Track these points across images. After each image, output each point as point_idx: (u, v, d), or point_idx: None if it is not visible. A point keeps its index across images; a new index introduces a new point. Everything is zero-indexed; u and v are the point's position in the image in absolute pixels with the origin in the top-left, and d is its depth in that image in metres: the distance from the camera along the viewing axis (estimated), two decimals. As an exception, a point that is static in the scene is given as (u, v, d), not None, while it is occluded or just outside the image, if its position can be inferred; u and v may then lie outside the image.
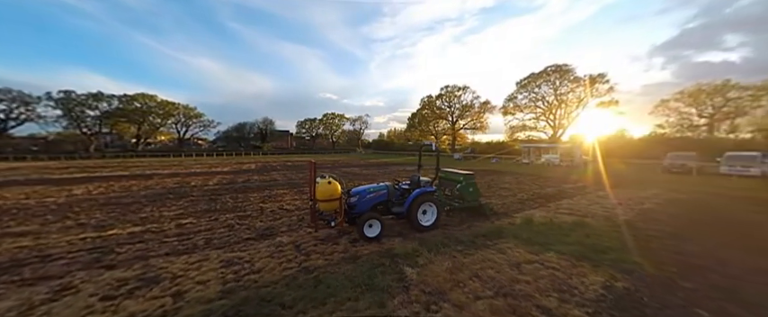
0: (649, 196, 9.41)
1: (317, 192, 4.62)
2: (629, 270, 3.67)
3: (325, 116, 65.16)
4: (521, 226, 5.65)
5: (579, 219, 6.32)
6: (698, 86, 29.87)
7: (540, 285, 3.29)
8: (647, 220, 6.37)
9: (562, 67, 34.56)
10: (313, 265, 3.83)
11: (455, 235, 5.06)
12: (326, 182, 4.68)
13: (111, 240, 4.84)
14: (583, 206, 7.78)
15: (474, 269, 3.69)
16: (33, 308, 2.83)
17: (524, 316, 2.69)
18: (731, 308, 2.85)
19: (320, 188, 4.63)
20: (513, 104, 39.25)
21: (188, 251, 4.35)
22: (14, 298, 3.02)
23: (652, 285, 3.30)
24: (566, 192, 10.27)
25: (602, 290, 3.19)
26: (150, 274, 3.58)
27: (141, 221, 6.10)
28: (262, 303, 2.90)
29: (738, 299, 3.02)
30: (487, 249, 4.38)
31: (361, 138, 70.87)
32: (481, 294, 3.09)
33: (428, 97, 50.08)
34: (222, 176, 15.18)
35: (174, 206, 7.54)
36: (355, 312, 2.74)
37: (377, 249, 4.36)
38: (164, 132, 50.88)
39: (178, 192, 9.87)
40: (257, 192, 9.85)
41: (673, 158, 19.66)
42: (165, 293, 3.11)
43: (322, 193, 4.62)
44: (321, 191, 4.62)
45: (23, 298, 3.01)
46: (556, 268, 3.71)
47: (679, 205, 8.05)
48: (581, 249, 4.34)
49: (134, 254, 4.24)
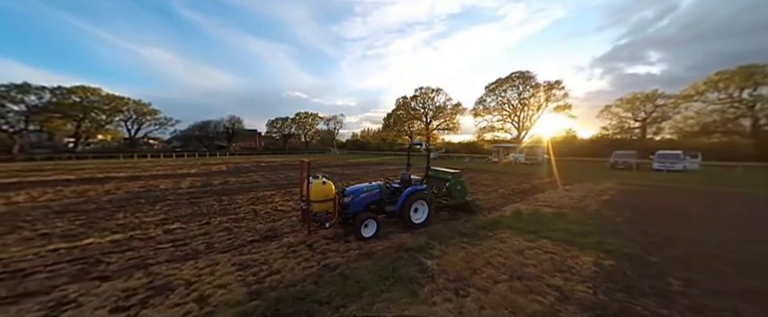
0: (605, 189, 10.82)
1: (310, 192, 4.47)
2: (609, 250, 4.31)
3: (297, 115, 62.85)
4: (512, 218, 6.21)
5: (557, 210, 7.12)
6: (633, 95, 34.74)
7: (544, 267, 3.73)
8: (610, 209, 7.38)
9: (525, 73, 37.79)
10: (332, 262, 3.86)
11: (457, 228, 5.41)
12: (321, 182, 4.60)
13: (92, 250, 4.33)
14: (556, 199, 8.72)
15: (485, 257, 4.03)
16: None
17: (540, 294, 3.06)
18: (690, 275, 3.54)
19: (314, 189, 4.51)
20: (483, 107, 41.85)
21: (191, 257, 4.08)
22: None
23: (629, 262, 3.93)
24: (538, 187, 11.35)
25: (594, 268, 3.72)
26: (158, 282, 3.32)
27: (120, 228, 5.50)
28: (296, 301, 2.90)
29: (692, 267, 3.75)
30: (489, 240, 4.79)
31: (335, 138, 69.76)
32: (498, 278, 3.43)
33: (403, 98, 51.11)
34: (193, 178, 14.02)
35: (151, 211, 6.87)
36: (391, 302, 2.88)
37: (390, 245, 4.51)
38: (110, 131, 44.94)
39: (148, 196, 8.96)
40: (241, 194, 9.34)
41: (617, 155, 22.68)
42: (185, 299, 2.94)
43: (316, 193, 4.51)
44: (315, 191, 4.51)
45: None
46: (552, 253, 4.21)
47: (630, 196, 9.41)
48: (567, 236, 4.96)
49: (127, 263, 3.87)
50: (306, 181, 4.60)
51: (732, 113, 29.81)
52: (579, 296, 3.02)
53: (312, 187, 4.49)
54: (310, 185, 4.49)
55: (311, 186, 4.49)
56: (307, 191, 4.47)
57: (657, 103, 32.82)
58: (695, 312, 2.77)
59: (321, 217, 4.67)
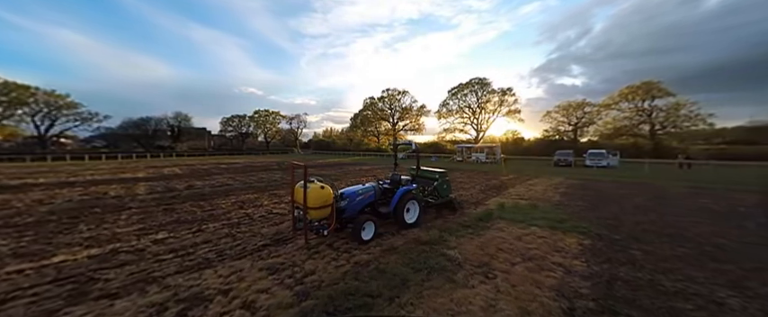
0: (558, 183, 12.67)
1: (308, 198, 4.13)
2: (584, 232, 5.25)
3: (257, 113, 58.55)
4: (500, 211, 6.99)
5: (530, 202, 8.20)
6: (568, 103, 40.80)
7: (544, 249, 4.41)
8: (569, 199, 8.77)
9: (483, 80, 41.45)
10: (361, 259, 3.98)
11: (459, 221, 5.94)
12: (318, 186, 4.30)
13: (72, 268, 3.70)
14: (525, 193, 9.97)
15: (494, 245, 4.58)
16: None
17: (550, 270, 3.67)
18: (644, 247, 4.56)
19: (312, 194, 4.18)
20: (446, 109, 44.63)
21: (205, 265, 3.79)
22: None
23: (600, 240, 4.87)
24: (506, 183, 12.75)
25: (579, 246, 4.54)
26: (184, 293, 3.07)
27: (91, 241, 4.71)
28: (348, 296, 2.99)
29: (643, 241, 4.82)
30: (490, 230, 5.40)
31: (298, 138, 66.85)
32: (513, 261, 3.97)
33: (371, 99, 51.60)
34: (147, 183, 12.29)
35: (120, 221, 5.97)
36: (437, 289, 3.18)
37: (407, 240, 4.78)
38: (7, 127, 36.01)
39: (102, 204, 7.68)
40: (220, 198, 8.60)
41: (559, 154, 26.43)
42: (229, 307, 2.81)
43: (315, 199, 4.19)
44: (314, 197, 4.17)
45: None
46: (544, 237, 4.97)
47: (578, 188, 11.22)
48: (549, 223, 5.85)
49: (130, 278, 3.44)
50: (296, 185, 4.39)
51: (637, 119, 37.08)
52: (578, 269, 3.71)
53: (310, 193, 4.16)
54: (307, 191, 4.16)
55: (309, 192, 4.16)
56: (304, 196, 4.13)
57: (585, 110, 39.06)
58: (658, 273, 3.64)
59: (317, 225, 4.36)
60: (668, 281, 3.43)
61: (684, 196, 9.64)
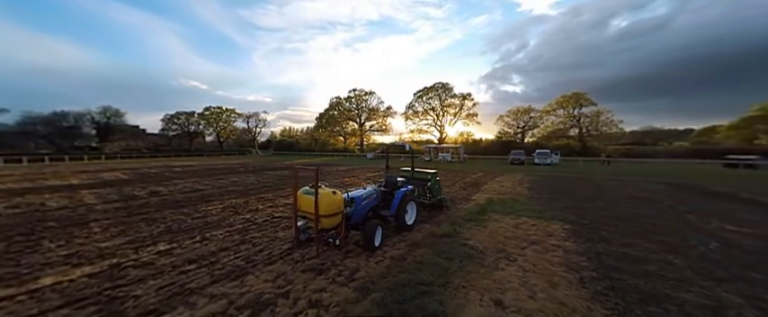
0: (520, 180, 14.46)
1: (320, 205, 3.83)
2: (562, 220, 6.33)
3: (208, 110, 52.74)
4: (490, 205, 7.87)
5: (509, 197, 9.35)
6: (517, 108, 46.08)
7: (539, 235, 5.26)
8: (536, 193, 10.20)
9: (446, 85, 44.29)
10: (396, 255, 4.26)
11: (460, 216, 6.57)
12: (330, 192, 4.04)
13: (76, 290, 3.21)
14: (499, 188, 11.24)
15: (501, 234, 5.28)
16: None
17: (552, 251, 4.46)
18: (607, 228, 5.75)
19: (325, 200, 3.90)
20: (412, 111, 46.42)
21: (241, 273, 3.64)
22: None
23: (576, 225, 5.96)
24: (479, 181, 14.08)
25: (564, 231, 5.51)
26: (241, 300, 2.98)
27: (77, 259, 4.04)
28: (406, 287, 3.27)
29: (604, 224, 6.05)
30: (490, 222, 6.13)
31: (256, 137, 62.26)
32: (522, 245, 4.68)
33: (337, 98, 50.81)
34: (90, 191, 10.45)
35: (96, 235, 5.14)
36: (476, 273, 3.65)
37: (426, 235, 5.19)
38: None
39: (54, 218, 6.41)
40: (202, 204, 7.86)
41: (513, 154, 29.84)
42: (297, 308, 2.85)
43: (328, 205, 3.93)
44: (326, 203, 3.91)
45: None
46: (535, 225, 5.87)
47: (539, 183, 13.02)
48: (533, 213, 6.86)
49: (163, 292, 3.16)
50: (299, 191, 4.16)
51: (569, 124, 43.65)
52: (572, 249, 4.57)
53: (322, 199, 3.85)
54: (319, 197, 3.84)
55: (320, 198, 3.84)
56: (315, 203, 3.80)
57: (531, 115, 44.55)
58: (624, 246, 4.70)
59: (330, 234, 4.11)
60: (634, 252, 4.48)
61: (615, 187, 11.97)
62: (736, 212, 7.35)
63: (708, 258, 4.27)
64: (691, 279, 3.58)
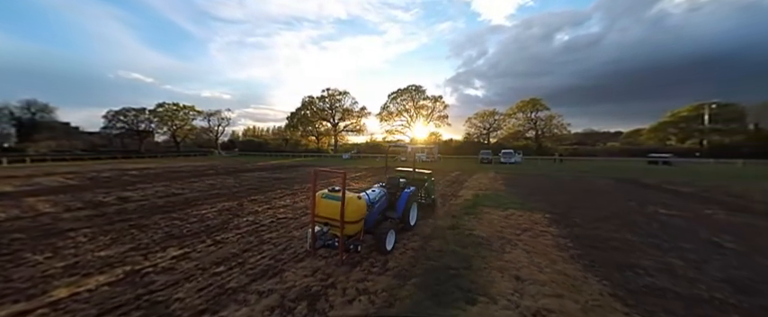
0: (494, 177, 15.87)
1: (347, 211, 3.67)
2: (542, 210, 7.32)
3: (161, 107, 47.38)
4: (478, 201, 8.68)
5: (491, 192, 10.34)
6: (484, 111, 49.67)
7: (528, 223, 6.08)
8: (511, 188, 11.41)
9: (419, 87, 45.95)
10: (415, 246, 4.66)
11: (456, 210, 7.21)
12: (355, 197, 3.93)
13: (103, 298, 3.03)
14: (477, 185, 12.28)
15: (497, 223, 6.00)
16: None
17: (542, 235, 5.25)
18: (577, 216, 6.83)
19: (351, 205, 3.77)
20: (387, 112, 47.19)
21: (276, 271, 3.72)
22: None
23: (553, 214, 6.96)
24: (459, 178, 15.13)
25: (547, 219, 6.43)
26: (291, 293, 3.12)
27: (84, 269, 3.71)
28: (437, 272, 3.69)
29: (574, 212, 7.16)
30: (484, 214, 6.86)
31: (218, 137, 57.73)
32: (516, 232, 5.42)
33: (309, 97, 49.52)
34: (38, 198, 9.09)
35: (86, 245, 4.65)
36: (489, 257, 4.22)
37: (434, 228, 5.69)
38: None
39: (20, 228, 5.57)
40: (190, 209, 7.41)
41: (483, 153, 32.22)
42: (348, 296, 3.10)
43: (354, 212, 3.81)
44: (352, 209, 3.78)
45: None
46: (522, 215, 6.74)
47: (510, 180, 14.46)
48: (516, 205, 7.79)
49: (205, 293, 3.14)
50: (318, 195, 3.95)
51: (527, 126, 48.29)
52: (556, 233, 5.43)
53: (348, 205, 3.71)
54: (346, 202, 3.68)
55: (347, 203, 3.70)
56: (341, 208, 3.65)
57: (495, 117, 48.31)
58: (594, 230, 5.71)
59: (352, 240, 4.01)
60: (602, 233, 5.48)
61: (572, 182, 13.85)
62: (664, 199, 9.16)
63: (653, 234, 5.43)
64: (645, 251, 4.57)
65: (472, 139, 50.60)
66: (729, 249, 4.68)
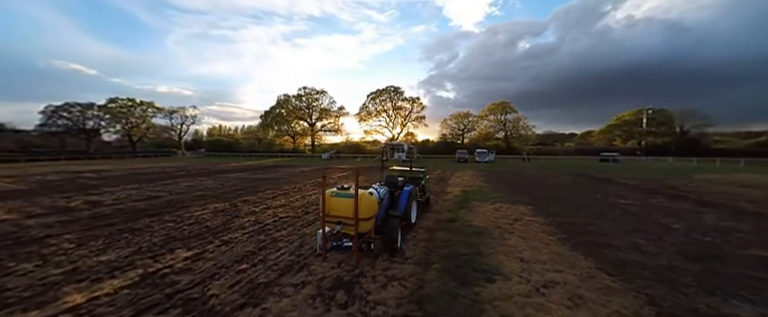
0: (474, 175, 16.91)
1: (361, 208, 3.63)
2: (524, 203, 8.12)
3: (114, 103, 42.40)
4: (468, 196, 9.31)
5: (476, 188, 11.11)
6: (458, 112, 52.02)
7: (516, 215, 6.76)
8: (492, 185, 12.33)
9: (397, 88, 46.75)
10: (424, 237, 5.01)
11: (450, 205, 7.72)
12: (367, 194, 3.94)
13: (134, 297, 2.92)
14: (461, 182, 13.07)
15: (490, 215, 6.59)
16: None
17: (531, 224, 5.92)
18: (557, 206, 7.72)
19: (364, 202, 3.73)
20: (366, 112, 47.29)
21: (302, 265, 3.80)
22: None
23: (535, 206, 7.78)
24: (443, 177, 15.88)
25: (531, 210, 7.19)
26: (325, 284, 3.27)
27: (93, 273, 3.46)
28: (453, 258, 4.07)
29: (551, 204, 8.06)
30: (476, 208, 7.45)
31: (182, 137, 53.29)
32: (509, 222, 6.03)
33: (285, 96, 47.84)
34: None
35: (77, 252, 4.27)
36: (495, 243, 4.71)
37: (437, 221, 6.10)
38: None
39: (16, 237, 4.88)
40: (179, 211, 7.00)
41: (459, 153, 33.83)
42: (380, 283, 3.34)
43: (367, 208, 3.80)
44: (366, 206, 3.76)
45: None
46: (508, 207, 7.44)
47: (489, 177, 15.53)
48: (501, 199, 8.53)
49: (240, 289, 3.16)
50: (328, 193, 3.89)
51: (497, 127, 51.56)
52: (542, 222, 6.14)
53: (361, 201, 3.68)
54: (359, 199, 3.65)
55: (361, 200, 3.66)
56: (355, 206, 3.60)
57: (469, 119, 50.86)
58: (572, 217, 6.55)
59: (366, 239, 3.92)
60: (579, 220, 6.31)
61: (542, 178, 15.30)
62: (619, 191, 10.62)
63: (617, 220, 6.39)
64: (615, 234, 5.41)
65: (447, 139, 52.76)
66: (675, 228, 5.71)
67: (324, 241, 3.76)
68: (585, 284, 3.32)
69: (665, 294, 3.13)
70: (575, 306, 2.84)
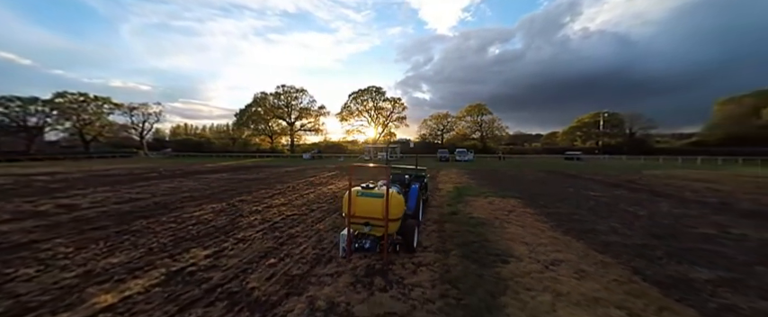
0: (459, 173, 17.75)
1: (391, 207, 3.57)
2: (513, 197, 8.84)
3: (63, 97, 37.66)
4: (461, 192, 9.86)
5: (465, 185, 11.75)
6: (438, 113, 53.68)
7: (508, 206, 7.39)
8: (479, 181, 13.12)
9: (379, 88, 47.08)
10: (434, 229, 5.36)
11: (447, 200, 8.18)
12: (395, 193, 3.87)
13: (171, 294, 2.87)
14: (449, 180, 13.72)
15: (486, 208, 7.13)
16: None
17: (525, 215, 6.54)
18: (541, 199, 8.51)
19: (394, 203, 3.66)
20: (348, 112, 47.00)
21: (329, 258, 3.95)
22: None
23: (522, 199, 8.51)
24: (431, 175, 16.39)
25: (520, 203, 7.87)
26: (360, 271, 3.46)
27: (110, 273, 3.29)
28: (467, 245, 4.45)
29: (537, 197, 8.87)
30: (471, 201, 7.99)
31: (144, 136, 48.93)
32: (504, 213, 6.60)
33: (262, 94, 45.87)
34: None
35: (84, 254, 3.99)
36: (497, 231, 5.18)
37: (441, 214, 6.49)
38: None
39: None
40: (175, 212, 6.68)
41: (440, 152, 35.02)
42: (410, 269, 3.61)
43: (397, 208, 3.72)
44: (395, 206, 3.69)
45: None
46: (501, 201, 8.08)
47: (473, 175, 16.42)
48: (492, 194, 9.19)
49: (278, 280, 3.24)
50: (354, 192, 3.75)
51: (474, 128, 54.04)
52: (533, 212, 6.80)
53: (392, 201, 3.62)
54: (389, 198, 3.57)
55: (390, 199, 3.60)
56: (386, 205, 3.54)
57: (448, 119, 52.72)
58: (554, 208, 7.31)
59: (395, 239, 3.88)
60: (562, 211, 7.07)
61: (520, 175, 16.51)
62: (588, 185, 11.89)
63: (593, 209, 7.26)
64: (593, 220, 6.19)
65: (427, 139, 54.23)
66: (641, 215, 6.66)
67: (348, 243, 3.75)
68: (583, 261, 3.87)
69: (645, 265, 3.76)
70: (581, 278, 3.34)
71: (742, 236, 5.06)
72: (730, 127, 39.92)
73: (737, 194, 9.78)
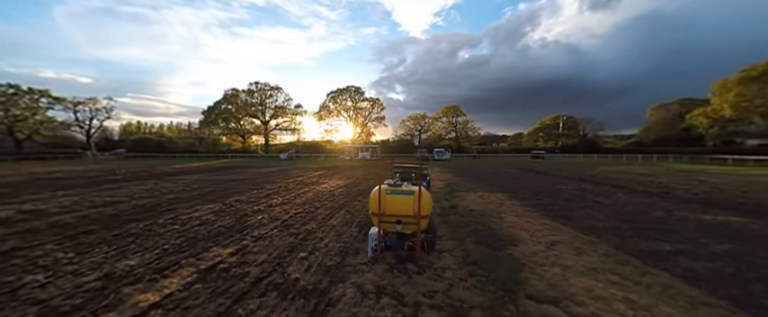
0: (441, 171, 18.60)
1: (422, 204, 3.51)
2: (501, 192, 9.65)
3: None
4: (451, 188, 10.47)
5: (453, 182, 12.45)
6: (415, 114, 55.03)
7: (498, 200, 8.11)
8: (463, 178, 13.96)
9: (358, 88, 46.96)
10: (440, 221, 5.79)
11: (444, 197, 8.71)
12: (425, 190, 3.79)
13: (221, 288, 2.88)
14: (437, 178, 14.39)
15: (479, 202, 7.76)
16: None
17: (517, 206, 7.26)
18: (521, 193, 9.42)
19: (425, 200, 3.59)
20: (326, 111, 46.19)
21: (356, 250, 4.16)
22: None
23: (510, 192, 9.35)
24: (415, 173, 17.05)
25: (507, 197, 8.66)
26: (392, 260, 3.73)
27: (133, 275, 3.15)
28: (475, 233, 4.93)
29: (519, 191, 9.79)
30: (464, 197, 8.59)
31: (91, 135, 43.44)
32: (496, 205, 7.27)
33: (233, 90, 43.20)
34: None
35: (92, 257, 3.70)
36: (496, 221, 5.75)
37: (442, 207, 6.95)
38: None
39: None
40: (171, 213, 6.31)
41: (421, 152, 36.07)
42: (433, 256, 3.96)
43: (428, 205, 3.67)
44: (426, 203, 3.63)
45: None
46: (490, 195, 8.80)
47: (457, 172, 17.35)
48: (480, 189, 9.94)
49: (318, 271, 3.39)
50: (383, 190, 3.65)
51: (449, 129, 56.33)
52: (521, 204, 7.57)
53: (424, 198, 3.57)
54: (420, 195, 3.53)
55: (423, 198, 3.55)
56: (418, 202, 3.51)
57: (425, 120, 54.31)
58: (538, 200, 8.18)
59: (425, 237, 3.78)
60: (544, 201, 7.95)
61: (497, 172, 17.81)
62: (557, 180, 13.30)
63: (568, 200, 8.26)
64: (572, 209, 7.10)
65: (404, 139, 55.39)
66: (606, 204, 7.75)
67: (379, 242, 3.66)
68: (575, 241, 4.54)
69: (621, 243, 4.52)
70: (578, 254, 3.96)
71: (684, 218, 6.21)
72: (661, 130, 46.55)
73: (672, 184, 11.69)
